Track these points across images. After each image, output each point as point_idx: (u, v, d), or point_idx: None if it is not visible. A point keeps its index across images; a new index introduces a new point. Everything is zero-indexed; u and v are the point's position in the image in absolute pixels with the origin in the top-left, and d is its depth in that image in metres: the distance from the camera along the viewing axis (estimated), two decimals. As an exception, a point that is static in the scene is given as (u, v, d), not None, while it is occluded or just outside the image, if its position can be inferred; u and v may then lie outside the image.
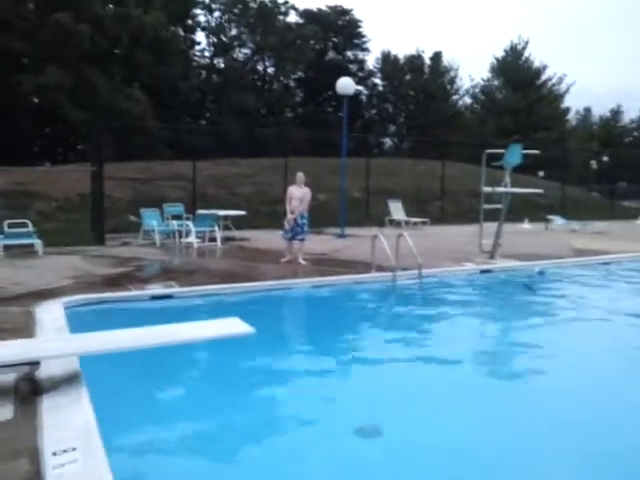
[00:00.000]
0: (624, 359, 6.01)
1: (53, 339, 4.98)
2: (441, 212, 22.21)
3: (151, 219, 13.64)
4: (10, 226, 11.60)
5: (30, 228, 11.90)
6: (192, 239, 12.59)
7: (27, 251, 11.21)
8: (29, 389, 4.09)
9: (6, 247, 10.99)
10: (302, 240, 10.76)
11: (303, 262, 10.55)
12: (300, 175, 10.89)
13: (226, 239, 13.96)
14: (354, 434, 4.01)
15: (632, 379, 5.40)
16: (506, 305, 9.07)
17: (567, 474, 3.61)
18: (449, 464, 3.66)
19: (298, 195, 10.69)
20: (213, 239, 13.25)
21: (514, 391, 5.15)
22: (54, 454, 3.14)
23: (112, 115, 25.59)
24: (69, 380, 4.24)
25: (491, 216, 11.98)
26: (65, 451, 3.17)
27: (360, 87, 45.65)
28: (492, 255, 11.44)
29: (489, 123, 43.45)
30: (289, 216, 10.64)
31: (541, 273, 10.52)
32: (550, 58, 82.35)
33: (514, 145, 11.63)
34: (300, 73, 45.95)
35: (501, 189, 11.46)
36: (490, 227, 11.65)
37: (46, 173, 21.32)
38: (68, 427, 3.48)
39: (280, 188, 16.60)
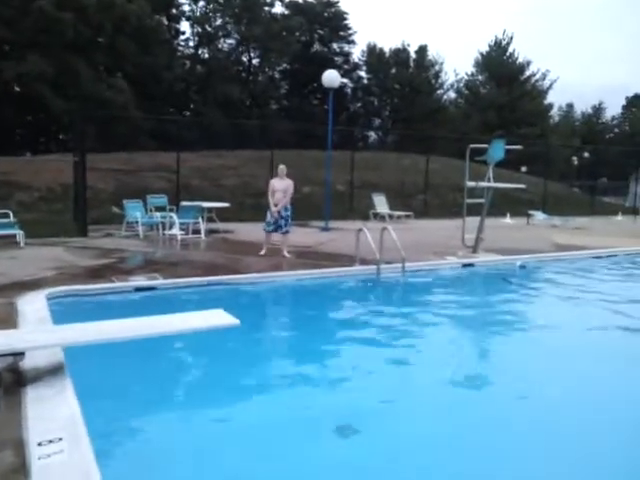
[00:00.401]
0: (605, 349, 6.17)
1: (37, 330, 4.98)
2: (424, 206, 22.33)
3: (134, 210, 13.56)
4: (-10, 216, 11.49)
5: (11, 219, 11.78)
6: (176, 231, 12.56)
7: (8, 242, 11.10)
8: (13, 380, 4.10)
9: (-14, 238, 10.89)
10: (286, 232, 10.78)
11: (287, 255, 10.56)
12: (282, 167, 10.91)
13: (210, 231, 13.94)
14: (333, 432, 4.05)
15: (612, 368, 5.53)
16: (486, 298, 9.21)
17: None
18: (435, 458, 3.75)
19: (281, 187, 10.69)
20: (197, 231, 13.21)
21: (488, 388, 5.24)
22: (39, 444, 3.16)
23: (95, 105, 25.30)
24: (53, 371, 4.25)
25: (474, 211, 12.11)
26: (51, 441, 3.20)
27: (345, 80, 45.61)
28: (474, 249, 11.57)
29: (473, 118, 43.70)
30: (273, 208, 10.63)
31: (522, 267, 10.68)
32: (534, 54, 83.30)
33: (497, 140, 11.74)
34: (285, 65, 45.71)
35: (484, 184, 11.58)
36: (473, 221, 11.77)
37: (28, 163, 21.06)
38: (53, 418, 3.50)
39: (264, 180, 16.50)
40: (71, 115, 21.60)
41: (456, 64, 49.62)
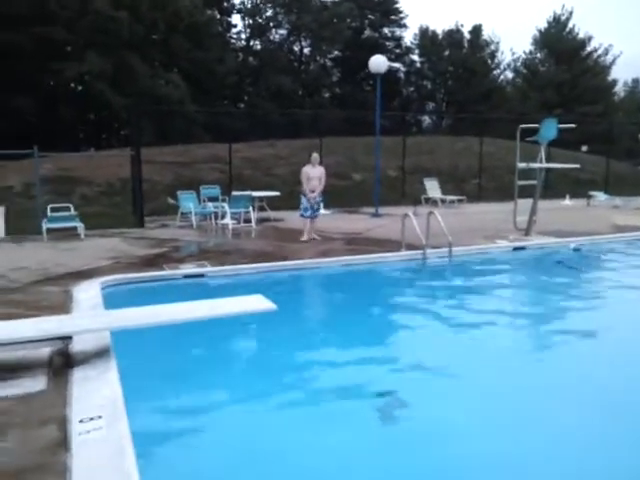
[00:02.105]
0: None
1: (85, 315, 5.23)
2: (479, 190, 21.86)
3: (188, 201, 13.92)
4: (53, 210, 12.04)
5: (72, 212, 12.33)
6: (227, 220, 12.81)
7: (69, 234, 11.64)
8: (62, 362, 4.33)
9: (49, 230, 11.42)
10: (316, 217, 11.38)
11: (317, 237, 11.16)
12: (315, 156, 11.33)
13: (261, 220, 14.15)
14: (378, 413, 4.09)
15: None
16: (536, 282, 8.97)
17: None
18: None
19: (316, 174, 11.05)
20: (248, 220, 13.44)
21: (546, 368, 5.15)
22: (81, 421, 3.34)
23: (152, 100, 26.06)
24: (100, 354, 4.47)
25: (530, 192, 11.75)
26: (91, 419, 3.38)
27: (397, 64, 45.07)
28: (527, 232, 11.27)
29: (531, 97, 42.27)
30: (310, 194, 10.98)
31: (576, 250, 10.32)
32: (595, 29, 79.52)
33: (549, 119, 11.34)
34: (337, 52, 45.53)
35: (535, 165, 11.23)
36: (528, 204, 11.44)
37: (89, 159, 21.88)
38: (95, 397, 3.69)
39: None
40: (128, 111, 22.31)
41: (513, 43, 48.30)
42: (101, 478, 2.78)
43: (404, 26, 47.66)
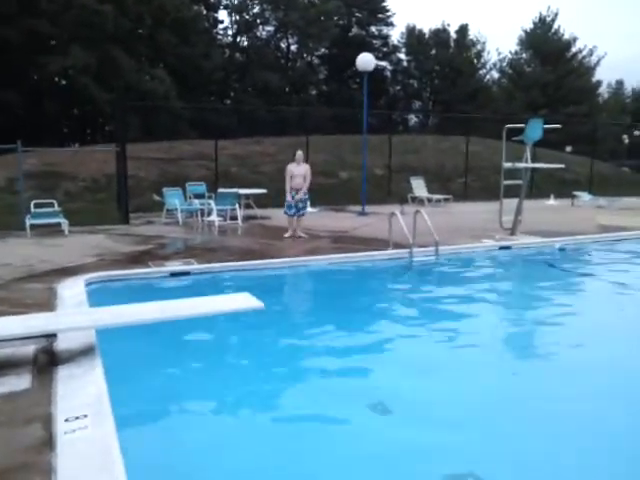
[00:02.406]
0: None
1: (70, 313, 5.17)
2: (465, 189, 21.97)
3: (174, 198, 13.83)
4: (36, 206, 11.90)
5: (56, 208, 12.19)
6: (213, 218, 12.75)
7: (54, 230, 11.51)
8: (47, 360, 4.28)
9: (33, 226, 11.28)
10: (303, 215, 11.35)
11: (304, 235, 11.14)
12: (299, 153, 11.41)
13: (247, 218, 14.10)
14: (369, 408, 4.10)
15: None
16: (522, 281, 9.05)
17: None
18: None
19: (299, 172, 11.09)
20: (234, 218, 13.39)
21: (529, 366, 5.19)
22: (66, 420, 3.30)
23: (137, 95, 25.85)
24: (85, 352, 4.42)
25: (516, 192, 11.84)
26: (77, 418, 3.34)
27: (384, 63, 45.18)
28: (513, 232, 11.35)
29: (517, 98, 42.61)
30: (290, 195, 11.14)
31: (561, 249, 10.42)
32: (581, 30, 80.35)
33: (535, 119, 11.42)
34: (324, 50, 45.51)
35: (521, 165, 11.31)
36: (514, 203, 11.52)
37: (74, 154, 21.66)
38: (81, 395, 3.65)
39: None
40: (113, 106, 22.11)
41: (499, 43, 48.74)
42: (87, 477, 2.75)
43: (391, 24, 47.86)
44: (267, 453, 3.51)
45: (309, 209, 12.77)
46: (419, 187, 19.21)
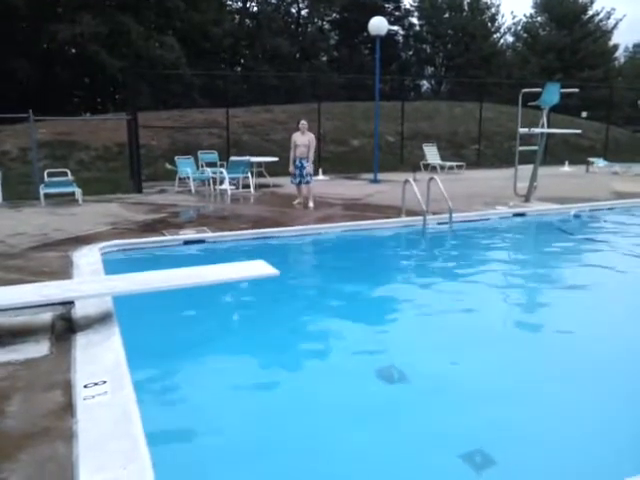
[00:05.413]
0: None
1: (87, 281, 5.21)
2: (478, 156, 21.72)
3: (186, 167, 13.82)
4: (50, 175, 11.93)
5: (69, 177, 12.22)
6: (226, 186, 12.73)
7: (67, 199, 11.56)
8: (65, 327, 4.33)
9: (47, 195, 11.33)
10: (308, 183, 11.08)
11: (312, 205, 10.89)
12: (303, 122, 11.20)
13: (259, 186, 14.06)
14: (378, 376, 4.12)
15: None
16: (537, 248, 8.97)
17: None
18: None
19: (304, 142, 10.93)
20: (247, 186, 13.37)
21: (543, 336, 5.18)
22: (85, 386, 3.35)
23: (147, 63, 25.58)
24: (102, 319, 4.46)
25: (530, 159, 11.68)
26: (96, 384, 3.39)
27: (396, 27, 44.23)
28: (527, 198, 11.24)
29: (532, 62, 41.70)
30: (291, 167, 11.08)
31: (576, 216, 10.31)
32: (599, -9, 77.68)
33: (552, 84, 11.18)
34: (335, 14, 44.59)
35: (537, 130, 11.12)
36: (528, 170, 11.38)
37: (85, 123, 21.59)
38: (99, 362, 3.70)
39: (313, 133, 16.50)
40: (124, 74, 21.92)
41: (513, 6, 47.35)
42: (108, 442, 2.79)
43: (404, -12, 46.60)
44: (285, 420, 3.55)
45: (320, 177, 12.69)
46: (432, 154, 19.01)
